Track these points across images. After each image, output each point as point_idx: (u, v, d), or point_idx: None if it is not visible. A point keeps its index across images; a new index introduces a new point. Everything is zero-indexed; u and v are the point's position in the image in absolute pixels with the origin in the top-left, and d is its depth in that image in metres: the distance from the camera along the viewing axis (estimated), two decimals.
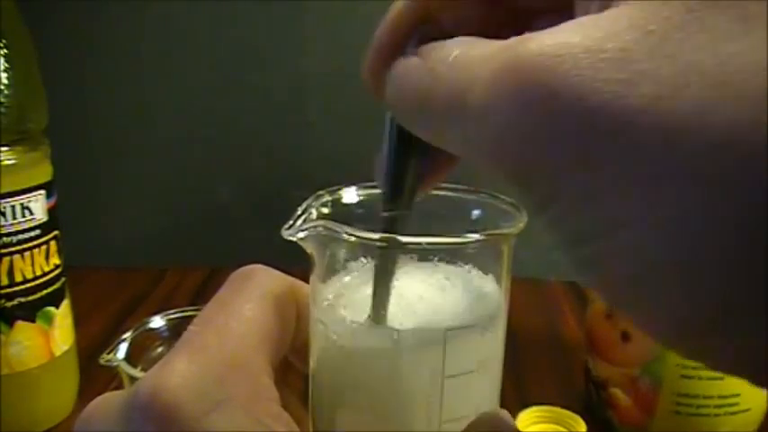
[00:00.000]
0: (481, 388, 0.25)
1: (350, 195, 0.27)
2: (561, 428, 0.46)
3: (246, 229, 0.75)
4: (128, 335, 0.42)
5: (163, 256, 0.76)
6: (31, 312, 0.46)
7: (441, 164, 0.24)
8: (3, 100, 0.43)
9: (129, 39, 0.72)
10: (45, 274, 0.46)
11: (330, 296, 0.26)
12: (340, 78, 0.72)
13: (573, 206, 0.15)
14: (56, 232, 0.47)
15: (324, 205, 0.26)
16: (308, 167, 0.74)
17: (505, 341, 0.26)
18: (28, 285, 0.45)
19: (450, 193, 0.27)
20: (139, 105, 0.74)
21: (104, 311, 0.65)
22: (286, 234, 0.24)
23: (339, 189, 0.27)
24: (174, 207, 0.77)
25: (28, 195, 0.45)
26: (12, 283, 0.45)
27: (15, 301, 0.45)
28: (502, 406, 0.26)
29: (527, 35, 0.15)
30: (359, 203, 0.27)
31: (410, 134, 0.20)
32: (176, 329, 0.44)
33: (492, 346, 0.25)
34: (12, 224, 0.44)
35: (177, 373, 0.21)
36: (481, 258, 0.25)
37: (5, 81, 0.43)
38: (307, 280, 0.26)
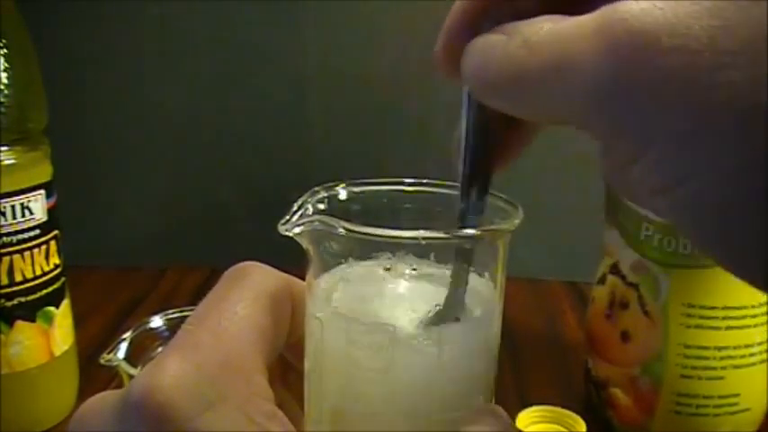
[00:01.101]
0: (476, 384, 0.25)
1: (346, 192, 0.27)
2: (561, 428, 0.46)
3: (246, 229, 0.75)
4: (128, 335, 0.42)
5: (163, 256, 0.75)
6: (31, 312, 0.46)
7: (515, 141, 0.25)
8: (3, 100, 0.43)
9: (129, 39, 0.72)
10: (45, 274, 0.46)
11: (326, 292, 0.26)
12: (340, 78, 0.72)
13: (670, 148, 0.17)
14: (56, 232, 0.47)
15: (320, 201, 0.26)
16: (308, 167, 0.74)
17: (505, 341, 0.26)
18: (28, 285, 0.45)
19: (446, 191, 0.27)
20: (139, 105, 0.74)
21: (104, 311, 0.65)
22: (282, 229, 0.24)
23: (335, 185, 0.27)
24: (174, 207, 0.76)
25: (28, 195, 0.45)
26: (12, 283, 0.45)
27: (15, 301, 0.45)
28: (502, 406, 0.26)
29: (614, 4, 0.17)
30: (355, 200, 0.27)
31: (487, 113, 0.22)
32: (176, 329, 0.43)
33: (487, 342, 0.25)
34: (11, 224, 0.44)
35: (170, 372, 0.21)
36: (477, 254, 0.26)
37: (5, 81, 0.43)
38: (304, 279, 0.26)
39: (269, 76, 0.72)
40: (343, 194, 0.27)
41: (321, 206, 0.26)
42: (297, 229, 0.24)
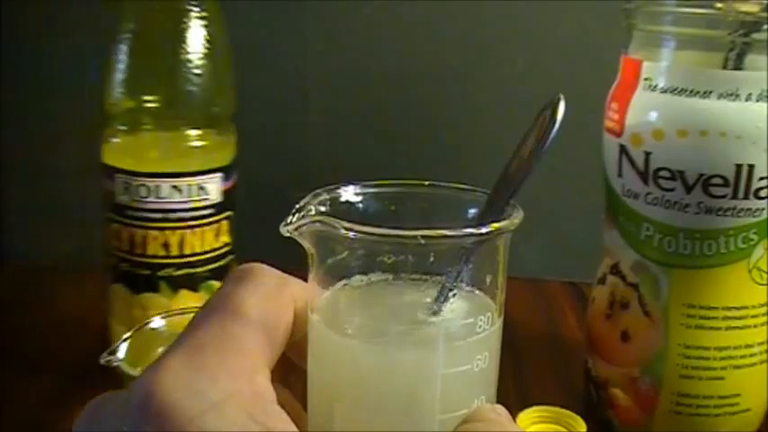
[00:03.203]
0: (477, 383, 0.25)
1: (348, 194, 0.27)
2: (561, 428, 0.46)
3: (246, 229, 0.75)
4: (128, 335, 0.42)
5: None
6: (195, 283, 0.49)
7: None
8: (199, 85, 0.47)
9: None
10: (213, 251, 0.50)
11: (327, 293, 0.26)
12: (340, 78, 0.72)
13: None
14: (229, 213, 0.51)
15: (321, 203, 0.26)
16: (308, 167, 0.74)
17: (505, 341, 0.27)
18: (196, 258, 0.49)
19: (446, 192, 0.27)
20: None
21: (104, 311, 0.65)
22: (283, 230, 0.24)
23: (337, 187, 0.27)
24: None
25: (206, 176, 0.48)
26: (181, 255, 0.48)
27: (183, 272, 0.49)
28: (502, 405, 0.26)
29: None
30: (357, 202, 0.27)
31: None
32: (176, 329, 0.44)
33: (488, 342, 0.25)
34: (188, 201, 0.48)
35: (172, 372, 0.21)
36: (477, 254, 0.26)
37: (205, 68, 0.47)
38: (306, 280, 0.26)
39: (269, 76, 0.72)
40: (344, 196, 0.27)
41: (323, 208, 0.26)
42: (298, 230, 0.24)
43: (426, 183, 0.28)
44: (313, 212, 0.25)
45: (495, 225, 0.24)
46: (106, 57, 0.50)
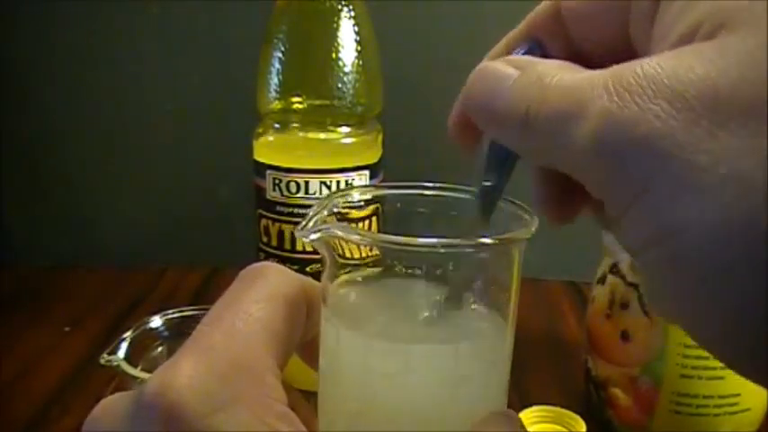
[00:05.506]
0: (491, 389, 0.25)
1: (360, 196, 0.27)
2: (561, 428, 0.46)
3: (246, 229, 0.75)
4: (128, 335, 0.42)
5: (163, 256, 0.75)
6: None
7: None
8: (348, 85, 0.48)
9: (128, 38, 0.72)
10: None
11: (341, 297, 0.26)
12: None
13: (664, 195, 0.17)
14: (376, 209, 0.51)
15: (335, 206, 0.26)
16: None
17: None
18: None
19: (457, 195, 0.27)
20: (139, 105, 0.74)
21: (104, 311, 0.65)
22: (299, 235, 0.24)
23: (350, 190, 0.27)
24: (174, 207, 0.76)
25: (352, 174, 0.49)
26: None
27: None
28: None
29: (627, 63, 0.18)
30: (369, 204, 0.27)
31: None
32: (176, 329, 0.44)
33: (502, 349, 0.25)
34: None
35: (183, 372, 0.21)
36: (492, 261, 0.25)
37: (352, 69, 0.48)
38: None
39: None
40: (356, 199, 0.27)
41: (336, 209, 0.26)
42: (313, 236, 0.24)
43: (435, 185, 0.27)
44: (326, 215, 0.25)
45: (512, 235, 0.24)
46: (259, 58, 0.51)
